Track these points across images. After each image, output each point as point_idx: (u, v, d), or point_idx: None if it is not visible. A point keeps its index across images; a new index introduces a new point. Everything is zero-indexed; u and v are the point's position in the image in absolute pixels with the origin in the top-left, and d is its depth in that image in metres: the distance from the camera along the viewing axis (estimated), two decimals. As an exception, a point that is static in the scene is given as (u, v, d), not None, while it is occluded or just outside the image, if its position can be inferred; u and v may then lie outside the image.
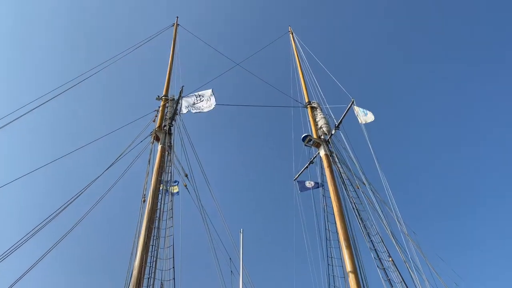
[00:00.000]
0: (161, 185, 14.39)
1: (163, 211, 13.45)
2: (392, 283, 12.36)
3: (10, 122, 13.32)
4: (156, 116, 17.15)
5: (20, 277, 10.14)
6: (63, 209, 12.48)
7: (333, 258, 15.31)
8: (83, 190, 12.68)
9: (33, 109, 14.66)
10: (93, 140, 15.70)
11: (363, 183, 15.70)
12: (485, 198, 41.42)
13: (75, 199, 12.44)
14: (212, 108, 17.04)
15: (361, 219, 14.20)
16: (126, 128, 16.66)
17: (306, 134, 18.09)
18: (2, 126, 13.15)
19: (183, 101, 17.23)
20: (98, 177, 13.10)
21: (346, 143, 17.04)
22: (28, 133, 38.35)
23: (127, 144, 15.25)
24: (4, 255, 10.22)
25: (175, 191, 14.93)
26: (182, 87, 17.33)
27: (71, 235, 12.43)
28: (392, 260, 13.08)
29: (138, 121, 16.73)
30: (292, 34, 25.38)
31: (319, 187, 17.78)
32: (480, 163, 42.95)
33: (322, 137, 18.18)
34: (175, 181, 15.25)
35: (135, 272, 11.68)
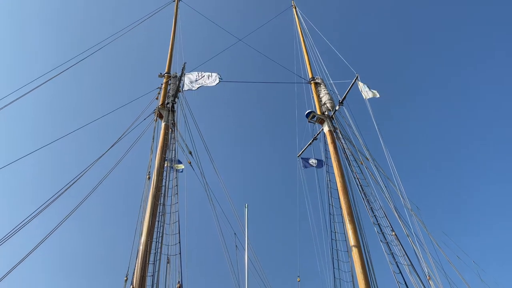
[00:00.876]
0: (166, 162, 14.48)
1: (168, 188, 13.57)
2: (394, 257, 12.52)
3: (12, 102, 13.28)
4: (159, 93, 17.11)
5: (32, 250, 10.37)
6: (70, 185, 12.59)
7: (336, 233, 15.49)
8: (89, 167, 12.78)
9: (34, 88, 14.59)
10: (97, 118, 15.71)
11: (367, 158, 15.72)
12: (490, 173, 41.43)
13: (82, 175, 12.55)
14: (216, 84, 16.91)
15: (364, 194, 14.28)
16: (130, 106, 16.66)
17: (309, 111, 18.00)
18: (3, 107, 13.13)
19: (185, 78, 17.13)
20: (104, 154, 13.19)
21: (349, 119, 16.99)
22: (30, 112, 38.42)
23: (130, 122, 15.28)
24: (17, 228, 10.46)
25: (180, 168, 15.03)
26: (184, 63, 17.24)
27: (79, 212, 12.60)
28: (395, 235, 13.21)
29: (141, 99, 16.71)
30: (295, 8, 24.92)
31: (322, 165, 17.84)
32: (486, 139, 42.76)
33: (326, 113, 18.10)
34: (180, 162, 15.34)
35: (141, 248, 11.89)
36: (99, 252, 35.64)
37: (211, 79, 16.85)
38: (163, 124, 15.64)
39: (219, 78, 17.07)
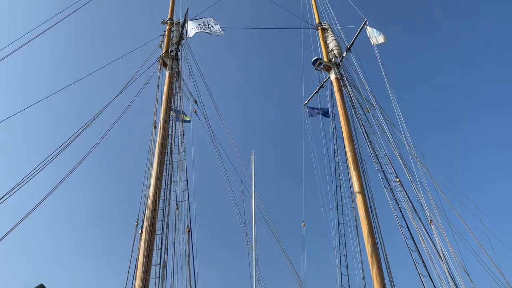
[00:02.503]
0: (171, 111, 14.51)
1: (174, 137, 13.70)
2: (398, 202, 12.79)
3: (10, 54, 13.05)
4: (162, 41, 16.78)
5: (45, 197, 10.68)
6: (76, 137, 12.70)
7: (341, 180, 15.77)
8: (95, 117, 12.83)
9: (33, 38, 14.28)
10: (100, 67, 15.54)
11: (373, 106, 15.61)
12: (496, 121, 41.12)
13: (88, 126, 12.63)
14: (219, 35, 16.51)
15: (370, 142, 14.34)
16: (133, 55, 16.41)
17: (316, 58, 17.66)
18: (3, 58, 12.93)
19: (189, 24, 16.69)
20: (109, 103, 13.20)
21: (357, 66, 16.68)
22: (29, 63, 38.00)
23: (135, 71, 15.13)
24: (25, 178, 10.68)
25: (186, 119, 15.07)
26: (187, 9, 16.73)
27: (86, 163, 12.81)
28: (399, 181, 13.40)
29: (144, 48, 16.42)
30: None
31: (328, 114, 17.78)
32: (494, 88, 42.00)
33: (333, 60, 17.75)
34: (185, 114, 15.33)
35: (150, 194, 12.22)
36: (110, 200, 36.75)
37: (215, 28, 16.40)
38: (167, 72, 15.48)
39: (222, 30, 16.61)
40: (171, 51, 16.15)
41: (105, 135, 12.68)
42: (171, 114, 14.30)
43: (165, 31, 16.99)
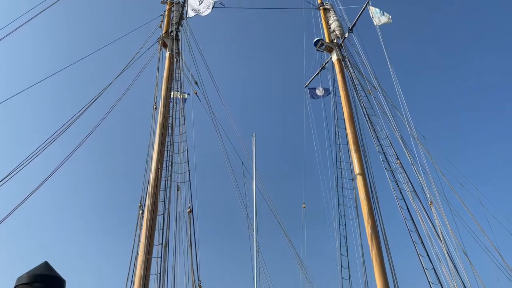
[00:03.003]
0: (172, 92, 14.43)
1: (175, 118, 13.66)
2: (398, 184, 12.84)
3: (6, 35, 12.87)
4: (162, 21, 16.55)
5: (49, 176, 10.72)
6: (77, 118, 12.67)
7: (342, 162, 15.80)
8: (95, 98, 12.76)
9: (31, 19, 14.06)
10: (99, 48, 15.36)
11: (375, 88, 15.50)
12: (497, 104, 40.94)
13: (89, 107, 12.57)
14: (219, 7, 16.23)
15: (371, 123, 14.30)
16: (132, 36, 16.20)
17: (318, 38, 17.45)
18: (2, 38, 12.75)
19: (189, 4, 16.44)
20: (109, 84, 13.11)
21: (359, 47, 16.49)
22: (27, 45, 37.60)
23: (134, 52, 14.96)
24: (24, 161, 10.69)
25: (185, 97, 15.00)
26: (187, -12, 16.43)
27: (88, 145, 12.80)
28: (400, 163, 13.42)
29: (144, 28, 16.21)
30: None
31: (329, 95, 17.69)
32: (497, 68, 41.66)
33: (335, 41, 17.55)
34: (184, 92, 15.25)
35: (152, 175, 12.28)
36: (112, 182, 36.94)
37: (215, 5, 16.15)
38: (167, 53, 15.33)
39: (222, 5, 16.35)
40: (171, 31, 15.95)
41: (106, 115, 12.66)
42: (171, 95, 14.23)
43: (165, 11, 16.74)
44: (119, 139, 36.92)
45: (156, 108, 13.78)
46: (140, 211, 12.07)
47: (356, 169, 14.46)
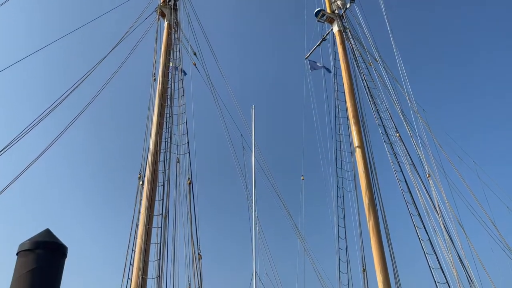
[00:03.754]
0: (170, 63, 14.26)
1: (173, 90, 13.56)
2: (397, 156, 12.89)
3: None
4: (160, -10, 16.15)
5: (47, 148, 10.71)
6: (74, 89, 12.54)
7: (341, 135, 15.81)
8: (92, 69, 12.60)
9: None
10: (96, 17, 15.04)
11: (376, 60, 15.33)
12: (498, 80, 40.61)
13: (86, 78, 12.42)
14: None
15: (371, 96, 14.22)
16: (129, 6, 15.83)
17: (319, 9, 17.10)
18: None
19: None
20: (107, 55, 12.90)
21: (360, 18, 16.20)
22: (22, 15, 36.81)
23: (131, 22, 14.66)
24: (22, 133, 10.66)
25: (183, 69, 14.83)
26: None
27: (86, 116, 12.74)
28: (399, 136, 13.43)
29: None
30: None
31: (330, 70, 17.49)
32: (500, 43, 41.07)
33: (336, 11, 17.20)
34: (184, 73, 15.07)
35: (151, 147, 12.29)
36: (111, 153, 37.04)
37: None
38: (166, 23, 15.03)
39: None
40: (169, 0, 15.60)
41: (104, 86, 12.55)
42: (170, 66, 14.07)
43: (162, -21, 16.31)
44: (118, 111, 36.79)
45: (155, 80, 13.64)
46: (140, 182, 12.16)
47: (355, 142, 14.49)
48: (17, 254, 3.89)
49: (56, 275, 3.90)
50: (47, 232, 4.06)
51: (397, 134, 13.36)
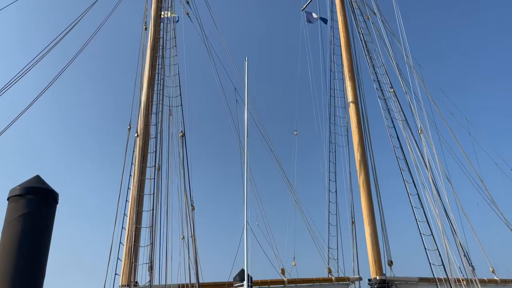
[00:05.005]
0: (163, 12, 13.77)
1: (165, 40, 13.19)
2: (390, 112, 12.89)
3: None
4: None
5: (37, 97, 10.55)
6: (63, 37, 12.10)
7: (336, 90, 15.70)
8: (82, 15, 12.14)
9: None
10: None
11: (374, 13, 14.92)
12: (497, 37, 39.95)
13: (75, 24, 11.99)
14: None
15: (367, 50, 13.96)
16: None
17: (317, -43, 16.43)
18: None
19: None
20: (96, 1, 12.41)
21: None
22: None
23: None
24: (14, 79, 10.45)
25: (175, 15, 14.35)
26: None
27: (77, 65, 12.43)
28: (394, 91, 13.35)
29: None
30: None
31: (326, 20, 17.03)
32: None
33: (335, -40, 16.51)
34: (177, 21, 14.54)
35: (143, 98, 12.14)
36: (101, 104, 36.63)
37: None
38: (157, -31, 14.36)
39: None
40: None
41: (95, 33, 12.17)
42: (162, 16, 13.60)
43: None
44: (109, 61, 35.98)
45: (146, 29, 13.24)
46: (134, 134, 12.12)
47: (350, 97, 14.43)
48: (7, 199, 3.91)
49: (48, 221, 3.94)
50: (37, 178, 4.06)
51: (392, 90, 13.28)
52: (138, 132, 12.01)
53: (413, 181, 11.91)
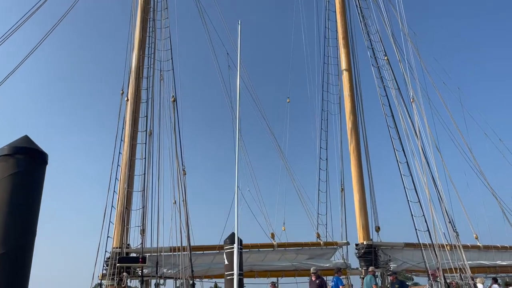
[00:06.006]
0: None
1: (157, 2, 12.82)
2: (383, 81, 12.83)
3: None
4: None
5: (31, 52, 10.36)
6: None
7: (329, 57, 15.52)
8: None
9: None
10: None
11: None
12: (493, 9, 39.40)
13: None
14: None
15: (362, 16, 13.71)
16: None
17: None
18: None
19: None
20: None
21: None
22: None
23: None
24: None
25: None
26: None
27: (66, 27, 12.11)
28: (387, 59, 13.24)
29: None
30: None
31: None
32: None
33: None
34: None
35: (134, 62, 11.93)
36: (93, 67, 35.99)
37: None
38: None
39: None
40: None
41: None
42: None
43: None
44: (101, 23, 35.05)
45: (136, -11, 12.83)
46: (126, 99, 11.98)
47: (343, 65, 14.31)
48: (-4, 159, 3.87)
49: (37, 180, 3.93)
50: (26, 138, 4.02)
51: (386, 58, 13.16)
52: (129, 96, 11.88)
53: (403, 150, 12.04)
